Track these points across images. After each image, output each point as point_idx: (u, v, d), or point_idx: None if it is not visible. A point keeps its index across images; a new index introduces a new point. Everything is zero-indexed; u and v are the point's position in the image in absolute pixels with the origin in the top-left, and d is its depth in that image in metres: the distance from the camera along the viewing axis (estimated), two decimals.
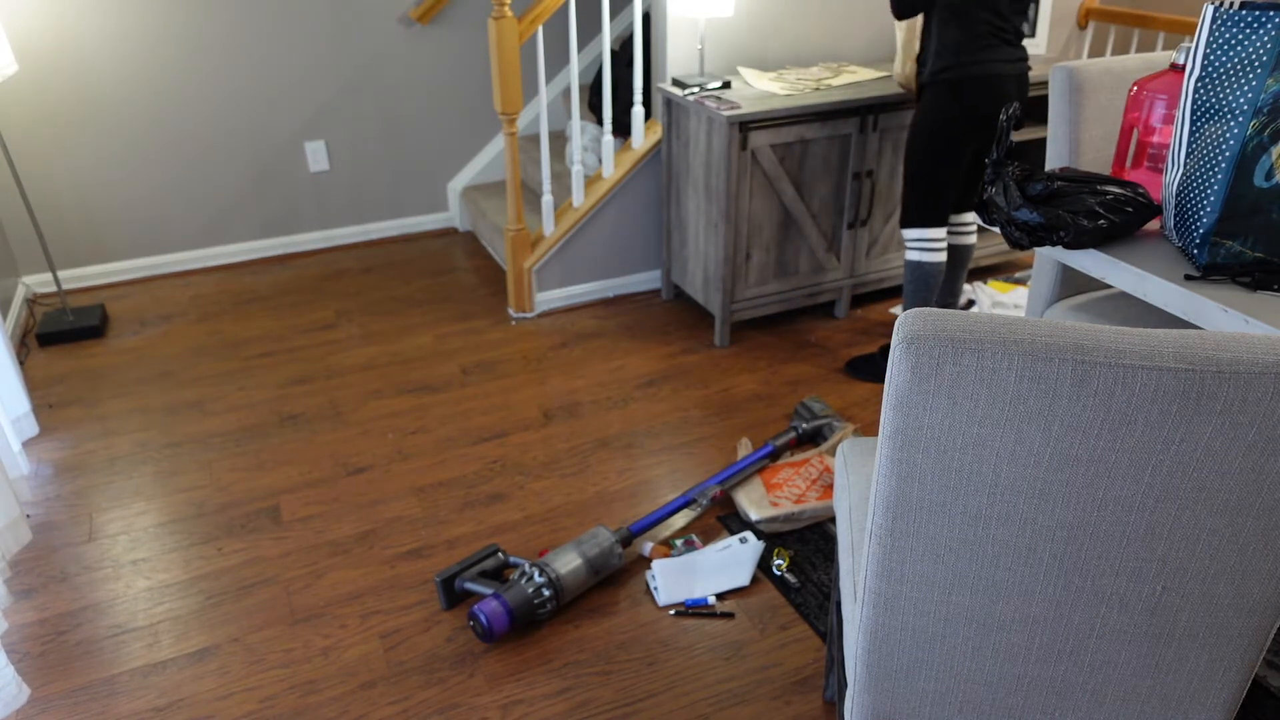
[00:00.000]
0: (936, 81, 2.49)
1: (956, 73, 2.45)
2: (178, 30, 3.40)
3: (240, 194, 3.74)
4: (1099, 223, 1.51)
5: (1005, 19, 2.45)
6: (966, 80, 2.45)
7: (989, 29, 2.43)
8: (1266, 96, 1.31)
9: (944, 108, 2.50)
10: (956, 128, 2.50)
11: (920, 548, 1.06)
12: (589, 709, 1.81)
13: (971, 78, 2.45)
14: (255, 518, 2.35)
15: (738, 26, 3.14)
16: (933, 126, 2.53)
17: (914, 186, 2.63)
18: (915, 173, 2.61)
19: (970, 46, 2.43)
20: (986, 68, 2.44)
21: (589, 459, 2.55)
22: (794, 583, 2.10)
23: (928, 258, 2.68)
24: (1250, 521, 0.98)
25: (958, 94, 2.47)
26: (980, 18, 2.41)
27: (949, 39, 2.44)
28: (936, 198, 2.62)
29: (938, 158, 2.56)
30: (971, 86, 2.45)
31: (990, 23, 2.42)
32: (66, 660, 1.94)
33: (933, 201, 2.62)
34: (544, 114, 3.09)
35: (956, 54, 2.44)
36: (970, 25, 2.42)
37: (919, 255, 2.69)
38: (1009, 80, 2.48)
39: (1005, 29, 2.45)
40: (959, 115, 2.48)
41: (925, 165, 2.58)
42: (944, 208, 2.64)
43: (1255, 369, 0.88)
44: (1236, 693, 1.13)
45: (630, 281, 3.48)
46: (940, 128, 2.52)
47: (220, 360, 3.09)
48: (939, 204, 2.63)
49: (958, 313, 0.94)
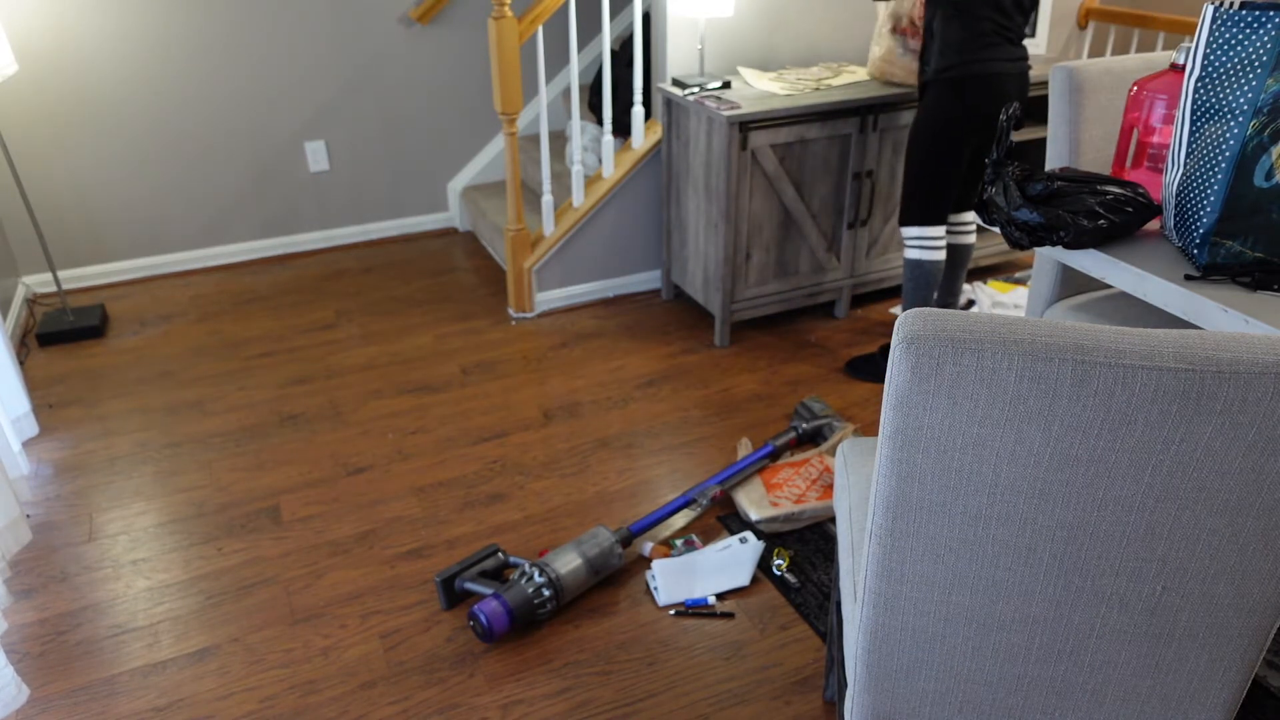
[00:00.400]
0: (939, 80, 2.49)
1: (960, 71, 2.45)
2: (178, 30, 3.40)
3: (240, 194, 3.74)
4: (1099, 223, 1.51)
5: (1009, 17, 2.44)
6: (969, 79, 2.45)
7: (993, 27, 2.42)
8: (1266, 96, 1.30)
9: (947, 106, 2.49)
10: (959, 126, 2.50)
11: (920, 548, 1.06)
12: (589, 709, 1.81)
13: (974, 76, 2.45)
14: (255, 518, 2.35)
15: (738, 26, 3.14)
16: (935, 125, 2.52)
17: (915, 185, 2.63)
18: (917, 171, 2.61)
19: (974, 45, 2.43)
20: (989, 66, 2.44)
21: (589, 459, 2.55)
22: (794, 583, 2.10)
23: (927, 256, 2.68)
24: (1250, 521, 0.98)
25: (960, 93, 2.47)
26: (984, 15, 2.41)
27: (952, 37, 2.44)
28: (937, 196, 2.62)
29: (939, 156, 2.55)
30: (974, 85, 2.45)
31: (994, 20, 2.42)
32: (66, 660, 1.94)
33: (934, 200, 2.62)
34: (544, 114, 3.09)
35: (960, 52, 2.44)
36: (974, 23, 2.41)
37: (918, 254, 2.69)
38: (1011, 79, 2.48)
39: (1009, 27, 2.45)
40: (961, 114, 2.48)
41: (927, 164, 2.58)
42: (944, 206, 2.64)
43: (1255, 369, 0.88)
44: (1236, 693, 1.13)
45: (630, 281, 3.48)
46: (943, 126, 2.51)
47: (220, 360, 3.09)
48: (940, 202, 2.63)
49: (958, 313, 0.94)
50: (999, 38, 2.44)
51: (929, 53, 2.52)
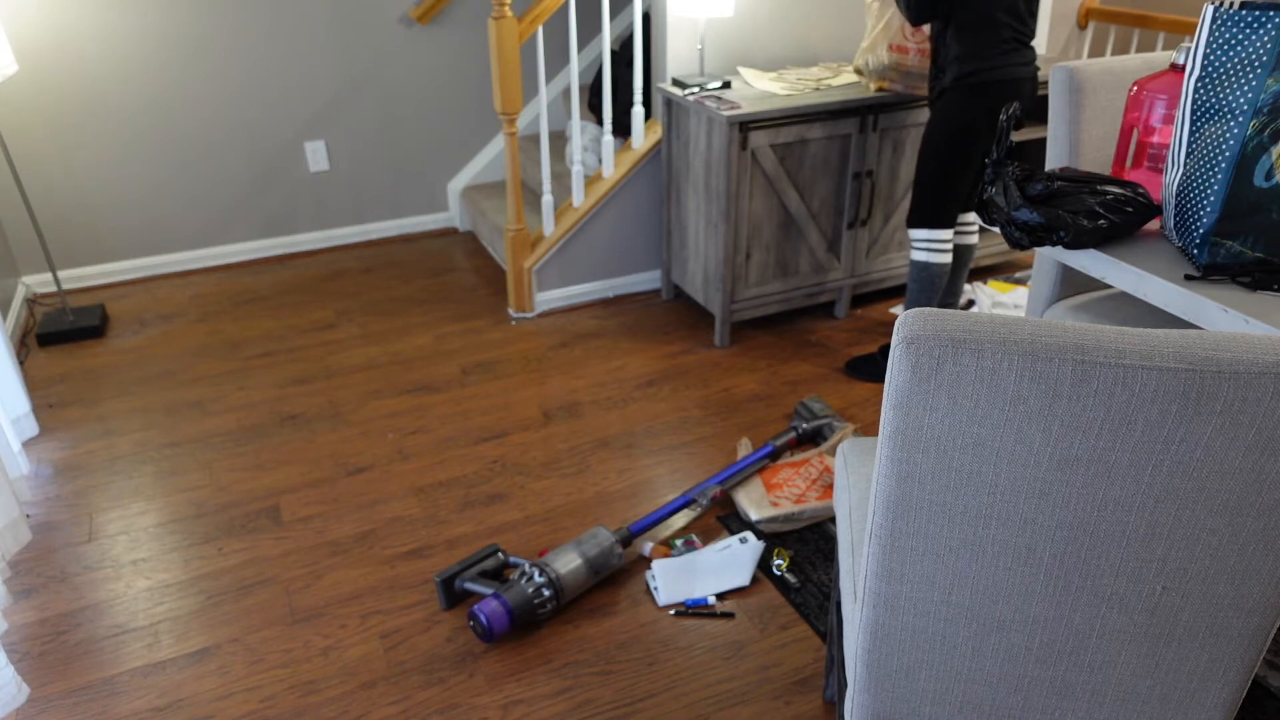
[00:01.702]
0: (959, 86, 2.48)
1: (982, 77, 2.45)
2: (178, 30, 3.40)
3: (240, 194, 3.74)
4: (1099, 223, 1.51)
5: (1024, 22, 2.46)
6: (991, 84, 2.46)
7: (1011, 33, 2.44)
8: (1266, 96, 1.30)
9: (968, 111, 2.49)
10: (978, 131, 2.51)
11: (920, 548, 1.06)
12: (589, 709, 1.81)
13: (996, 82, 2.46)
14: (255, 518, 2.35)
15: (738, 26, 3.14)
16: (954, 130, 2.52)
17: (929, 188, 2.62)
18: (932, 174, 2.59)
19: (993, 51, 2.44)
20: (1008, 71, 2.45)
21: (589, 459, 2.55)
22: (794, 583, 2.10)
23: (935, 259, 2.68)
24: (1250, 521, 0.98)
25: (982, 98, 2.47)
26: (1003, 22, 2.42)
27: (972, 44, 2.44)
28: (949, 199, 2.62)
29: (955, 161, 2.56)
30: (996, 90, 2.47)
31: (1011, 26, 2.44)
32: (66, 660, 1.94)
33: (945, 203, 2.63)
34: (544, 114, 3.09)
35: (980, 58, 2.44)
36: (994, 29, 2.42)
37: (926, 256, 2.69)
38: (1026, 83, 2.50)
39: (1024, 32, 2.47)
40: (982, 119, 2.50)
41: (944, 168, 2.57)
42: (955, 209, 2.64)
43: (1255, 369, 0.88)
44: (1236, 693, 1.13)
45: (630, 281, 3.48)
46: (962, 131, 2.51)
47: (220, 360, 3.09)
48: (951, 206, 2.63)
49: (958, 313, 0.95)
50: (1016, 42, 2.46)
51: (944, 60, 2.51)
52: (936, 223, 2.65)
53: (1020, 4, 2.44)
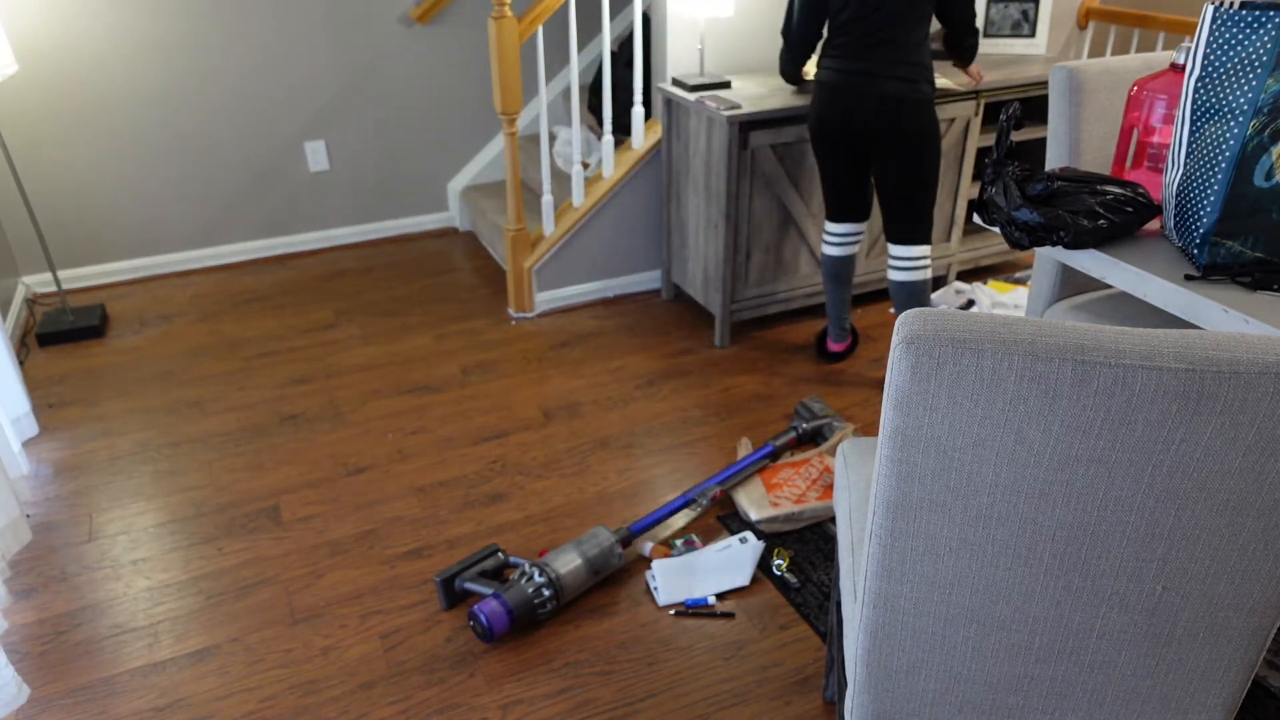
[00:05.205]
0: (930, 97, 2.49)
1: (933, 87, 2.51)
2: (178, 30, 3.40)
3: (240, 194, 3.74)
4: (1099, 223, 1.51)
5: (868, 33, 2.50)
6: (935, 93, 2.59)
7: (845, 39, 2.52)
8: (1266, 96, 1.31)
9: (935, 122, 2.52)
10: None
11: (920, 548, 1.06)
12: (589, 709, 1.81)
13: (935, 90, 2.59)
14: (255, 518, 2.35)
15: (738, 26, 3.14)
16: (937, 141, 2.54)
17: (929, 203, 2.61)
18: (931, 189, 2.59)
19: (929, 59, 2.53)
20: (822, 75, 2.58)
21: (589, 459, 2.55)
22: (794, 583, 2.10)
23: (929, 274, 2.69)
24: (1250, 521, 0.98)
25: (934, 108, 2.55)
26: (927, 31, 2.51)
27: (928, 56, 2.49)
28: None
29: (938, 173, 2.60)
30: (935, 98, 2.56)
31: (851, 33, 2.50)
32: (66, 660, 1.94)
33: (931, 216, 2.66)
34: (544, 114, 3.09)
35: (931, 69, 2.50)
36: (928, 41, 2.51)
37: (926, 274, 2.68)
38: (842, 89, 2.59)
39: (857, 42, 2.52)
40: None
41: (935, 179, 2.58)
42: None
43: (1255, 369, 0.88)
44: (1236, 693, 1.13)
45: (630, 281, 3.48)
46: (938, 142, 2.54)
47: (220, 360, 3.09)
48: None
49: (958, 313, 0.94)
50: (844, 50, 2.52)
51: (919, 69, 2.45)
52: (931, 237, 2.71)
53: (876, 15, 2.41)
